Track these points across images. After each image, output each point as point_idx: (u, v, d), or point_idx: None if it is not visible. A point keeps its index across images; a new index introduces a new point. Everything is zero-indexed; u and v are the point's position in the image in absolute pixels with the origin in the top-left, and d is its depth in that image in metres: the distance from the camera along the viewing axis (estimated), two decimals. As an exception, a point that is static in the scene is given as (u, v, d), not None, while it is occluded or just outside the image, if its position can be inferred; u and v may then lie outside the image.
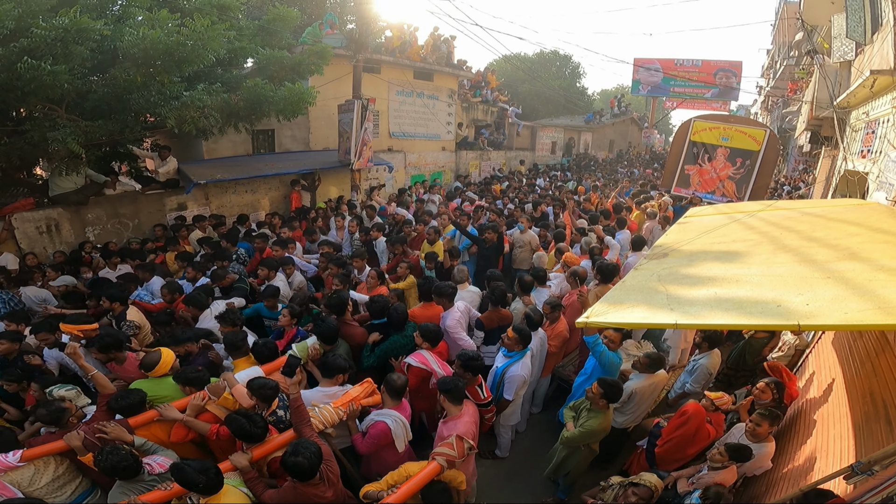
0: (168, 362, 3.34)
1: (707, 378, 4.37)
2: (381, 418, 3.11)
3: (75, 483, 2.82)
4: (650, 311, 2.29)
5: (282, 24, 7.93)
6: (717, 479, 2.97)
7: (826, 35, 8.98)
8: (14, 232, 6.47)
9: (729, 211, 4.81)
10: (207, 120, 6.23)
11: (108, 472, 2.44)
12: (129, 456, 2.45)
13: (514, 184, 13.24)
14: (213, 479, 2.26)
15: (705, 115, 11.27)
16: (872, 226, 3.21)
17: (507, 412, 4.06)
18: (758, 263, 2.72)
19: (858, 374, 3.31)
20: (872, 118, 5.55)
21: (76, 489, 2.82)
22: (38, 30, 4.70)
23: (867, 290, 2.02)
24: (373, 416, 3.17)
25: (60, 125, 5.42)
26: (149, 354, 3.36)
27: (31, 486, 2.62)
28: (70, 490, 2.78)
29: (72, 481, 2.81)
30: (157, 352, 3.36)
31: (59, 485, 2.73)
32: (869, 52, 5.88)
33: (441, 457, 2.78)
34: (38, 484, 2.64)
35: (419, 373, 3.69)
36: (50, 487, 2.68)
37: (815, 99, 8.15)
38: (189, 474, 2.22)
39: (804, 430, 3.55)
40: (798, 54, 16.98)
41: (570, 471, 3.70)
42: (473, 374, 3.36)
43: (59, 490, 2.73)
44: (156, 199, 8.06)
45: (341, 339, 3.88)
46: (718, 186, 9.86)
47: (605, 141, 25.46)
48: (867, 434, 2.72)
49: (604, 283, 5.00)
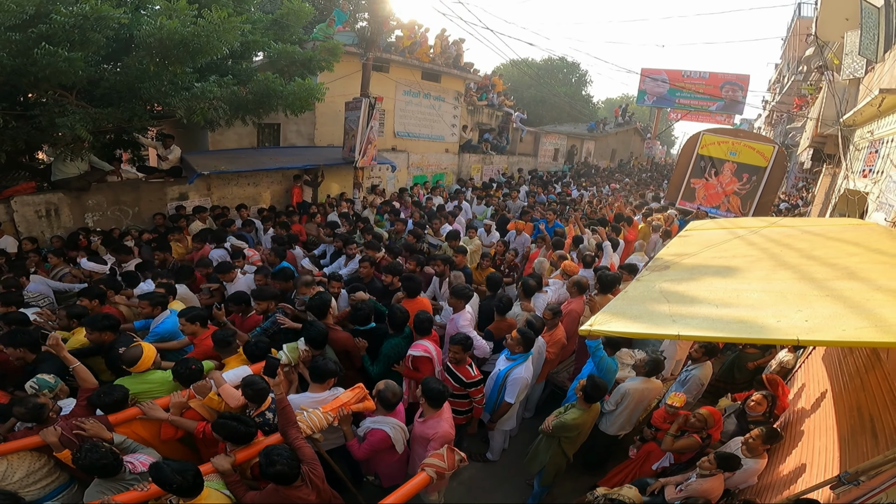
0: (150, 357, 3.25)
1: (699, 389, 4.42)
2: (379, 426, 3.09)
3: (51, 478, 2.76)
4: (652, 321, 2.32)
5: (295, 19, 7.94)
6: (705, 485, 3.01)
7: (837, 51, 9.04)
8: (13, 215, 6.47)
9: (730, 226, 4.86)
10: (216, 112, 6.24)
11: (86, 470, 2.39)
12: (108, 454, 2.38)
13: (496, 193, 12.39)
14: (191, 480, 2.20)
15: (714, 128, 11.30)
16: (871, 246, 3.26)
17: (503, 417, 4.08)
18: (758, 279, 2.76)
19: (847, 388, 3.39)
20: (877, 137, 5.60)
21: (51, 483, 2.76)
22: (58, 16, 4.70)
23: (865, 309, 2.05)
24: (369, 423, 3.14)
25: (70, 111, 5.41)
26: (129, 350, 3.23)
27: (5, 481, 2.55)
28: (44, 485, 2.72)
29: (47, 476, 2.74)
30: (139, 346, 3.25)
31: (33, 480, 2.67)
32: (880, 70, 5.94)
33: (431, 468, 2.76)
34: (11, 479, 2.58)
35: (425, 361, 3.77)
36: (24, 482, 2.62)
37: (822, 115, 8.21)
38: (166, 474, 2.16)
39: (791, 442, 3.60)
40: (807, 70, 17.08)
41: (546, 469, 3.70)
42: (465, 351, 3.63)
43: (34, 485, 2.67)
44: (157, 188, 8.06)
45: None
46: (724, 201, 9.90)
47: (608, 150, 25.56)
48: (853, 446, 2.78)
49: (602, 292, 5.04)
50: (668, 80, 26.77)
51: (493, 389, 3.91)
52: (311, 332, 3.62)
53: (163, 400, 3.05)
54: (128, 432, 2.89)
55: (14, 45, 4.77)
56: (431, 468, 2.76)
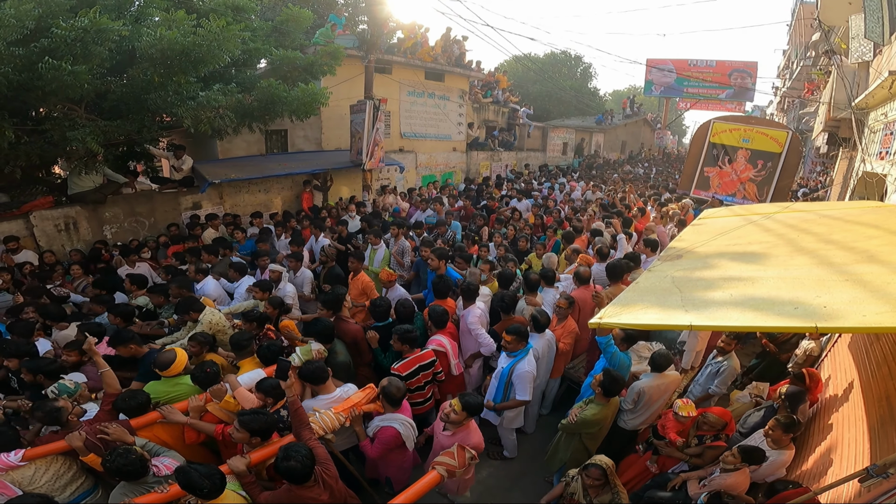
0: (182, 361, 3.33)
1: (732, 380, 4.32)
2: (388, 423, 3.10)
3: (77, 483, 2.81)
4: (664, 311, 2.27)
5: (295, 25, 8.01)
6: (730, 480, 2.94)
7: (844, 35, 8.84)
8: (33, 230, 6.61)
9: (744, 213, 4.75)
10: (222, 120, 6.31)
11: (114, 473, 2.45)
12: (137, 460, 2.44)
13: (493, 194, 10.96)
14: (218, 484, 2.27)
15: (725, 116, 11.07)
16: (891, 228, 3.15)
17: (510, 415, 4.03)
18: (774, 265, 2.69)
19: (874, 377, 3.26)
20: (891, 119, 5.45)
21: (77, 489, 2.81)
22: (58, 30, 4.77)
23: (886, 293, 1.98)
24: (378, 422, 3.15)
25: (80, 125, 5.51)
26: (163, 354, 3.34)
27: (32, 486, 2.62)
28: (70, 490, 2.77)
29: (74, 481, 2.80)
30: (172, 351, 3.35)
31: (60, 484, 2.73)
32: (887, 53, 5.79)
33: (441, 466, 2.75)
34: (38, 483, 2.64)
35: (440, 355, 3.82)
36: (50, 487, 2.68)
37: (833, 100, 8.01)
38: (194, 479, 2.21)
39: (819, 434, 3.50)
40: (815, 55, 16.70)
41: (567, 465, 3.63)
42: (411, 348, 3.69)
43: (61, 490, 2.72)
44: (171, 198, 8.18)
45: (336, 338, 3.89)
46: (739, 189, 9.71)
47: (617, 142, 25.27)
48: (882, 437, 2.69)
49: (613, 281, 4.98)
50: (675, 70, 26.37)
51: (499, 387, 3.85)
52: (317, 326, 3.69)
53: (181, 404, 3.11)
54: (149, 436, 2.96)
55: (18, 60, 4.85)
56: (442, 466, 2.76)
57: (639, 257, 5.82)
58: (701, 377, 4.47)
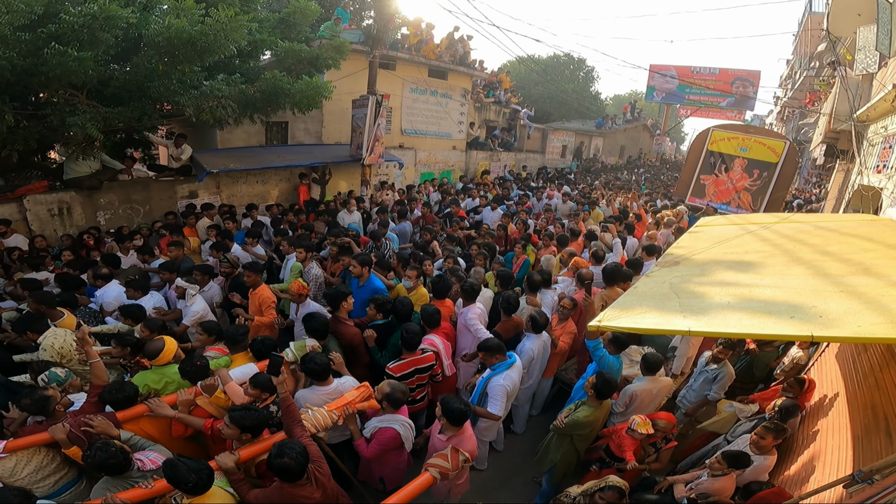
0: (171, 350, 3.29)
1: (729, 385, 4.35)
2: (388, 424, 3.06)
3: (59, 474, 2.77)
4: (663, 316, 2.30)
5: (301, 18, 7.97)
6: (717, 485, 2.98)
7: (850, 47, 8.89)
8: (26, 214, 6.54)
9: (741, 222, 4.80)
10: (225, 110, 6.27)
11: (95, 468, 2.40)
12: (118, 453, 2.39)
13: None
14: (205, 479, 2.22)
15: (724, 124, 11.12)
16: (886, 242, 3.20)
17: (482, 426, 3.83)
18: (771, 275, 2.72)
19: (861, 387, 3.32)
20: (891, 132, 5.50)
21: (59, 480, 2.76)
22: (67, 16, 4.74)
23: (880, 305, 2.02)
24: (377, 423, 3.11)
25: (80, 111, 5.47)
26: (152, 342, 3.28)
27: (13, 478, 2.57)
28: (53, 481, 2.73)
29: (56, 472, 2.75)
30: (161, 340, 3.29)
31: (42, 476, 2.67)
32: (893, 66, 5.84)
33: (434, 468, 2.74)
34: (19, 475, 2.59)
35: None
36: (32, 478, 2.62)
37: (835, 111, 8.07)
38: (181, 472, 2.16)
39: (804, 440, 3.55)
40: (819, 65, 16.80)
41: (557, 466, 3.65)
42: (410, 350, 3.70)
43: (42, 481, 2.67)
44: (167, 186, 8.13)
45: (331, 336, 3.87)
46: (734, 197, 9.76)
47: (616, 146, 25.36)
48: (866, 445, 2.74)
49: (608, 285, 5.00)
50: (678, 76, 26.52)
51: (474, 397, 3.71)
52: (312, 322, 3.66)
53: (170, 397, 3.07)
54: (135, 429, 2.90)
55: (24, 45, 4.81)
56: (435, 468, 2.74)
57: (641, 264, 5.79)
58: (696, 383, 4.49)
